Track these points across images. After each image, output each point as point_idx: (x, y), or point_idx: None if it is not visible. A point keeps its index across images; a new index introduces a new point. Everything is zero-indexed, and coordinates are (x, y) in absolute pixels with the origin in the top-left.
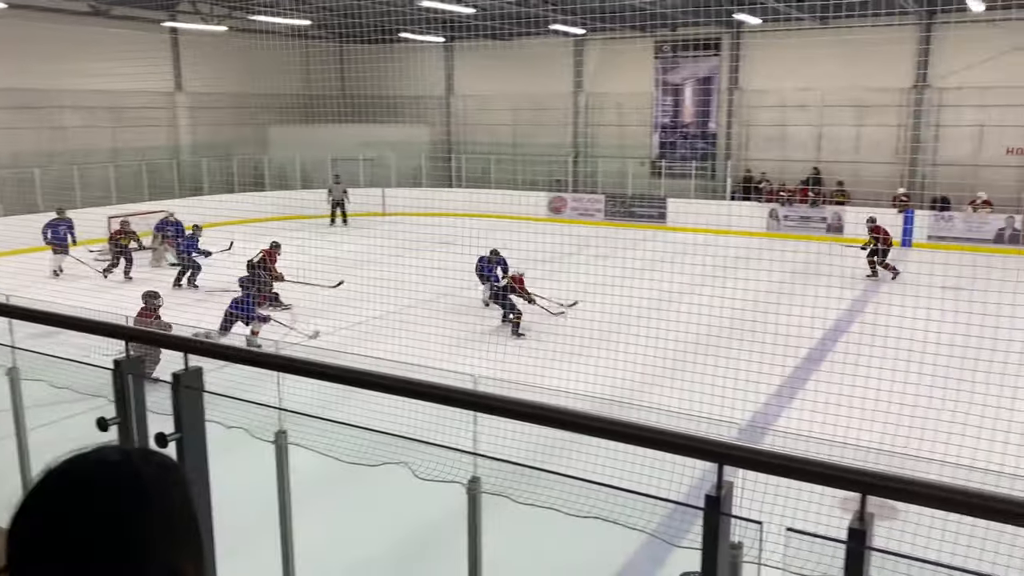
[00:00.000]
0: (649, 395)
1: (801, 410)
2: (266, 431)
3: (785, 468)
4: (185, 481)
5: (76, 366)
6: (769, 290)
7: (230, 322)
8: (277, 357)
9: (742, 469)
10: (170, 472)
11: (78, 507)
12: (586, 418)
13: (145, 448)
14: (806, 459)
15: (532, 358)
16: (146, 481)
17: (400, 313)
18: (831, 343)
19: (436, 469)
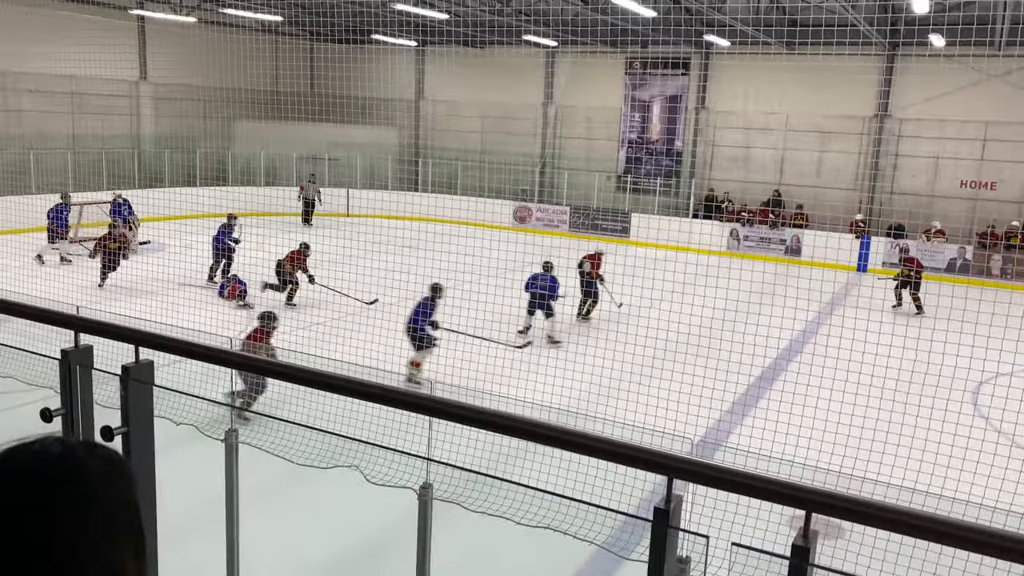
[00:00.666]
0: (605, 407)
1: (753, 427)
2: (216, 429)
3: (732, 483)
4: (130, 476)
5: (21, 354)
6: (727, 308)
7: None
8: (233, 355)
9: (693, 484)
10: (115, 466)
11: (15, 501)
12: (540, 427)
13: (90, 441)
14: (753, 475)
15: (490, 367)
16: (90, 474)
17: (361, 314)
18: (785, 362)
19: (388, 474)
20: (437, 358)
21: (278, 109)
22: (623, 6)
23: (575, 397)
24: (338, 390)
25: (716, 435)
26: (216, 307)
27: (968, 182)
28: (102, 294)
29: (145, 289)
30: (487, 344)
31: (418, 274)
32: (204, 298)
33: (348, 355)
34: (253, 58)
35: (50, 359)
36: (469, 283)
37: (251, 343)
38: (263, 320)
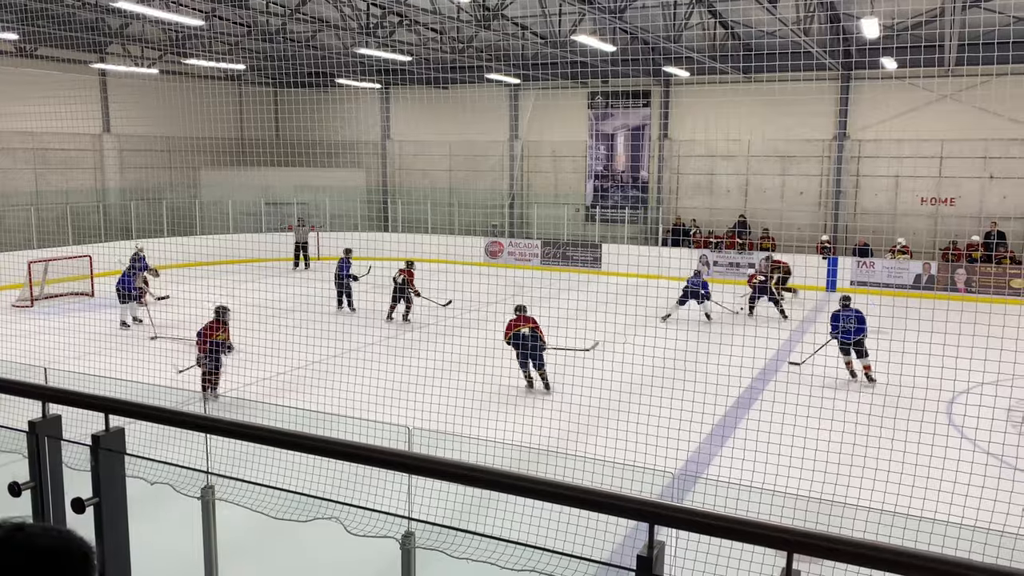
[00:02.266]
0: (581, 444)
1: (732, 457)
2: (192, 487)
3: (714, 527)
4: (89, 568)
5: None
6: (700, 331)
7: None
8: (203, 418)
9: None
10: (73, 560)
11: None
12: (518, 479)
13: (48, 525)
14: (735, 518)
15: (462, 405)
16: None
17: (338, 358)
18: (760, 386)
19: (369, 525)
20: (414, 403)
21: (244, 156)
22: (583, 42)
23: (549, 435)
24: (322, 453)
25: (695, 467)
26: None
27: (928, 199)
28: (83, 350)
29: (119, 343)
30: (461, 384)
31: (397, 312)
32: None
33: (328, 401)
34: (217, 107)
35: (17, 431)
36: (448, 318)
37: (208, 335)
38: (218, 313)
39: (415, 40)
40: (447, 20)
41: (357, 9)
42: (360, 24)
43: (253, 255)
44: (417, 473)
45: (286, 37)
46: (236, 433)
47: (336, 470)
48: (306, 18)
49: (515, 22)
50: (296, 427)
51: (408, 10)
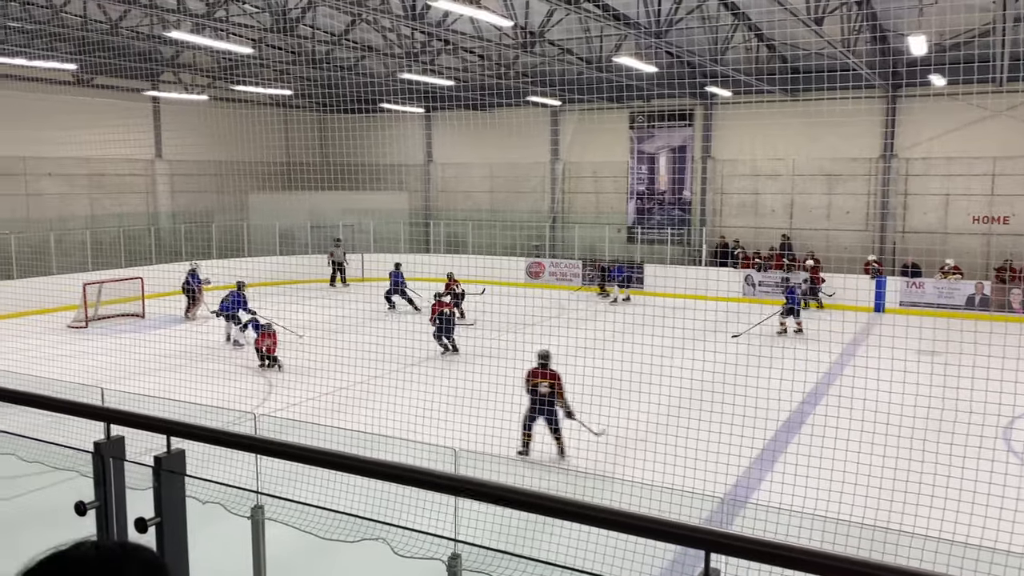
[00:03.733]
0: (627, 468)
1: (782, 483)
2: (242, 506)
3: (773, 556)
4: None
5: (53, 444)
6: (750, 354)
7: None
8: (259, 440)
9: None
10: (151, 572)
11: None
12: (572, 505)
13: (126, 542)
14: (795, 547)
15: (509, 427)
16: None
17: (383, 378)
18: (810, 409)
19: (416, 546)
20: (457, 424)
21: (291, 180)
22: (625, 63)
23: (595, 458)
24: (371, 474)
25: (743, 491)
26: (239, 377)
27: (980, 217)
28: (136, 371)
29: (177, 363)
30: (503, 406)
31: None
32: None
33: (375, 421)
34: (265, 132)
35: (83, 452)
36: (490, 339)
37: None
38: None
39: (458, 64)
40: (490, 44)
41: (402, 35)
42: (404, 50)
43: (299, 277)
44: (466, 496)
45: (332, 63)
46: (291, 455)
47: (383, 491)
48: (352, 44)
49: (557, 45)
50: (343, 447)
51: (451, 35)
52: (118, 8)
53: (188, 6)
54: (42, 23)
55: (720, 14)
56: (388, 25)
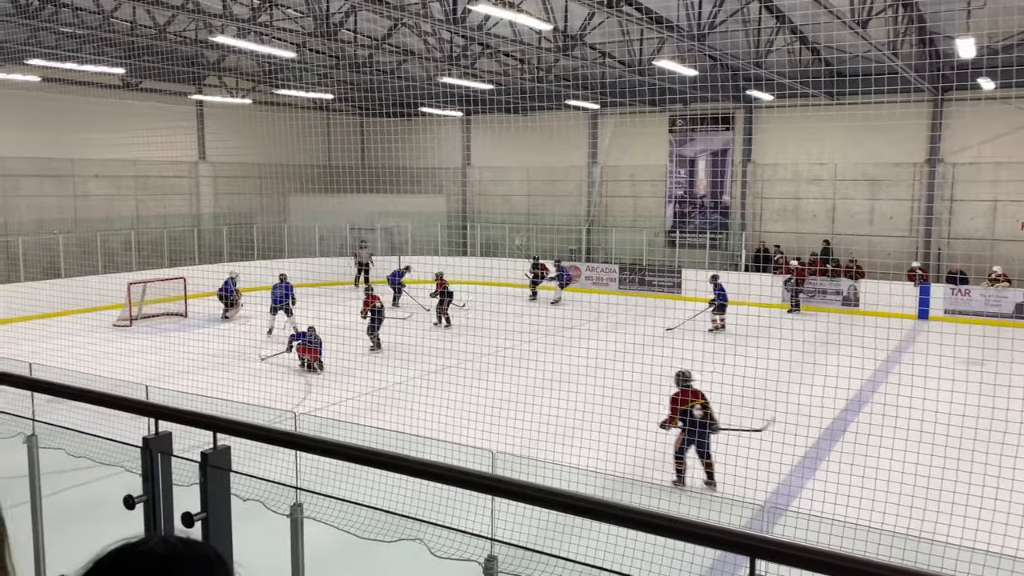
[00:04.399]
0: (662, 473)
1: (823, 491)
2: (282, 504)
3: (822, 563)
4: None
5: (102, 439)
6: (790, 359)
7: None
8: (305, 437)
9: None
10: (214, 567)
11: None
12: (615, 508)
13: (189, 538)
14: (843, 555)
15: (547, 430)
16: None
17: (419, 379)
18: (850, 417)
19: (452, 547)
20: (493, 427)
21: (331, 182)
22: (665, 67)
23: (633, 463)
24: (409, 472)
25: (782, 499)
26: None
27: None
28: (179, 368)
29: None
30: (539, 409)
31: (471, 335)
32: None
33: (412, 422)
34: (306, 135)
35: (131, 447)
36: (527, 342)
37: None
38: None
39: (497, 68)
40: (529, 48)
41: (442, 39)
42: (444, 54)
43: (338, 278)
44: (505, 496)
45: (373, 67)
46: (337, 453)
47: (421, 491)
48: (392, 49)
49: (596, 48)
50: (381, 448)
51: (491, 39)
52: (165, 13)
53: (233, 11)
54: (92, 28)
55: (762, 17)
56: (428, 29)
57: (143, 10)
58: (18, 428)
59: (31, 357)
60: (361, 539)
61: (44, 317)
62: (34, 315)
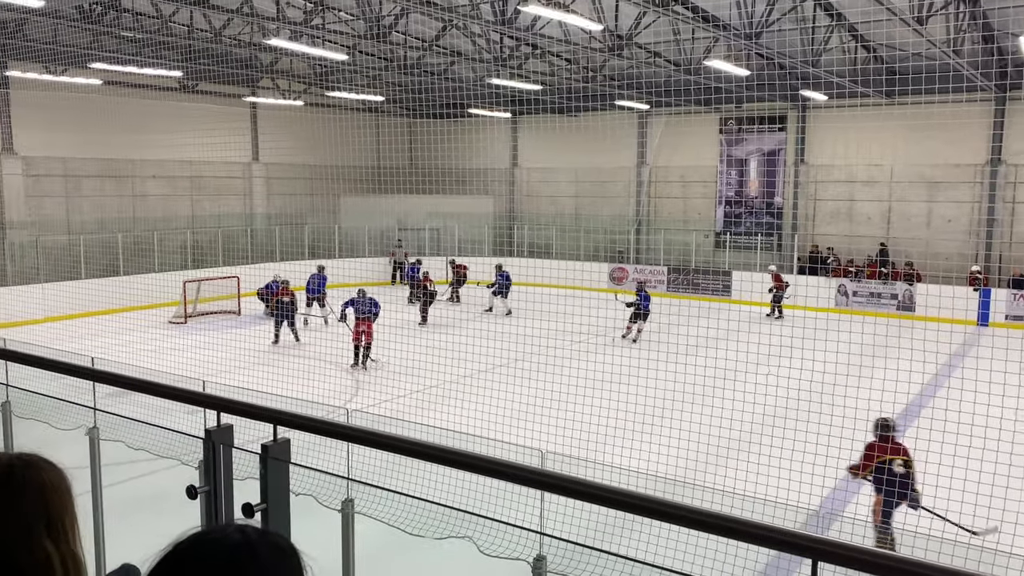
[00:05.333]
0: (714, 476)
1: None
2: (334, 499)
3: (887, 568)
4: (300, 567)
5: (163, 429)
6: (841, 363)
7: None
8: (363, 431)
9: (835, 565)
10: (286, 557)
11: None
12: (676, 508)
13: (263, 529)
14: (908, 559)
15: (596, 431)
16: (261, 564)
17: (467, 379)
18: (903, 425)
19: (501, 545)
20: (540, 427)
21: (380, 183)
22: (716, 67)
23: (681, 465)
24: (459, 465)
25: (838, 504)
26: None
27: None
28: (233, 364)
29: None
30: (586, 409)
31: (519, 336)
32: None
33: (458, 421)
34: (357, 136)
35: (194, 438)
36: (570, 344)
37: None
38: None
39: (545, 69)
40: (578, 48)
41: (491, 40)
42: (493, 55)
43: (380, 278)
44: (556, 492)
45: (423, 69)
46: (396, 447)
47: (471, 489)
48: (442, 51)
49: (646, 48)
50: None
51: (540, 40)
52: (221, 17)
53: (286, 14)
54: (151, 32)
55: (816, 15)
56: (478, 31)
57: (200, 14)
58: (80, 420)
59: (93, 352)
60: (411, 536)
61: (104, 313)
62: (94, 311)
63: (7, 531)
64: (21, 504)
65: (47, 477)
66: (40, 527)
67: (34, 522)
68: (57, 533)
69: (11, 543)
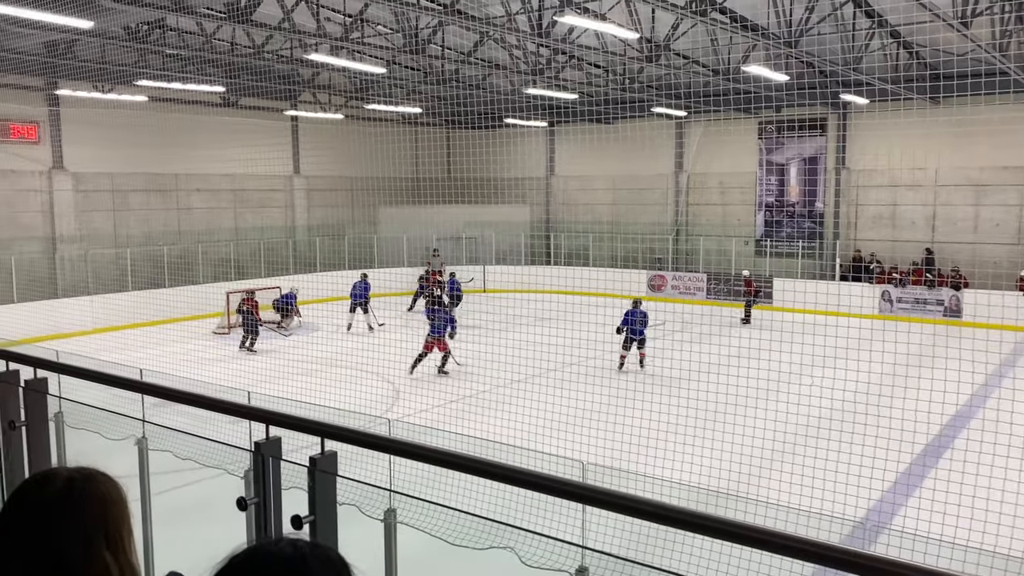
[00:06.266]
0: (757, 487)
1: (922, 508)
2: (376, 509)
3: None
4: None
5: (210, 441)
6: (885, 373)
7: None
8: (409, 445)
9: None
10: (339, 571)
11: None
12: (713, 520)
13: (315, 542)
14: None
15: (635, 443)
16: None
17: (505, 388)
18: (952, 435)
19: (543, 556)
20: (579, 438)
21: (419, 194)
22: (754, 73)
23: (725, 476)
24: (502, 479)
25: (884, 517)
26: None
27: None
28: (276, 374)
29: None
30: (635, 418)
31: (556, 345)
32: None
33: (498, 430)
34: (395, 148)
35: (243, 450)
36: (610, 353)
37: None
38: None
39: (582, 78)
40: (614, 57)
41: (527, 51)
42: (529, 65)
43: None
44: (597, 506)
45: (459, 80)
46: (441, 460)
47: (512, 501)
48: (478, 62)
49: (683, 55)
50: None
51: (576, 49)
52: (262, 33)
53: (326, 29)
54: (195, 49)
55: (856, 20)
56: (514, 42)
57: (242, 31)
58: (129, 430)
59: (140, 363)
60: (452, 546)
61: (150, 325)
62: (141, 323)
63: (68, 542)
64: (81, 516)
65: (105, 490)
66: (99, 538)
67: (93, 533)
68: (115, 544)
69: (72, 554)
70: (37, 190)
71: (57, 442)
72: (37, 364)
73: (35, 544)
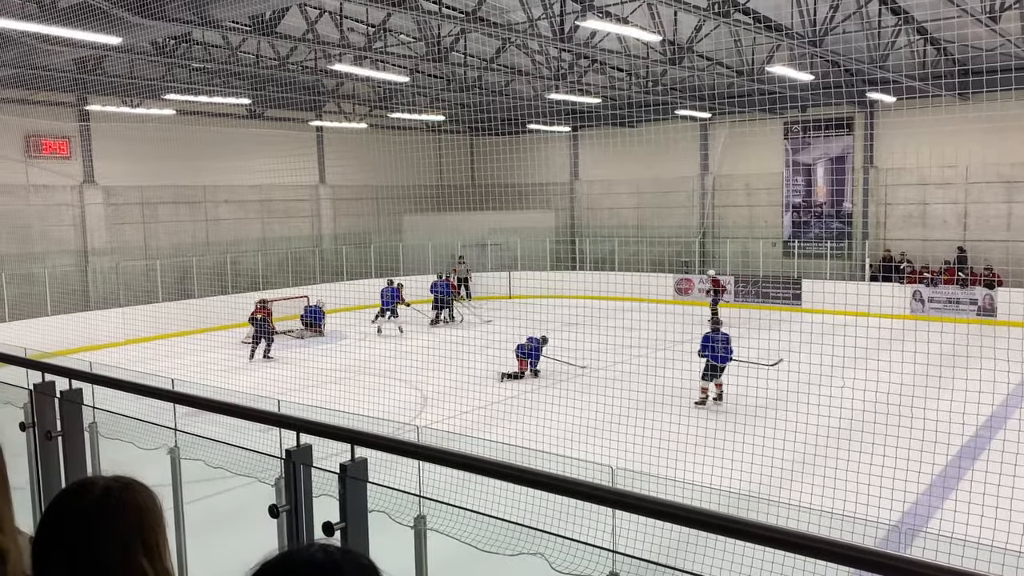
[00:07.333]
0: (788, 491)
1: (955, 511)
2: (406, 515)
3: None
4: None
5: (242, 449)
6: (918, 373)
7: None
8: (431, 449)
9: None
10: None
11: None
12: (743, 523)
13: (346, 548)
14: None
15: (665, 447)
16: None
17: (531, 394)
18: (988, 435)
19: (574, 562)
20: (608, 442)
21: (443, 201)
22: (779, 73)
23: (756, 479)
24: (533, 484)
25: (919, 520)
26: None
27: None
28: (303, 383)
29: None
30: (655, 425)
31: (583, 350)
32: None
33: (525, 436)
34: (419, 156)
35: (274, 458)
36: (637, 357)
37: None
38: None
39: (604, 82)
40: (637, 60)
41: (549, 56)
42: (552, 71)
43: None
44: (630, 511)
45: (482, 87)
46: (472, 467)
47: (542, 507)
48: (500, 68)
49: (706, 57)
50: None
51: (598, 53)
52: (286, 45)
53: (349, 39)
54: (221, 63)
55: (881, 17)
56: (536, 47)
57: (266, 43)
58: (162, 440)
59: (171, 372)
60: (482, 552)
61: (180, 335)
62: (170, 333)
63: (106, 550)
64: (119, 524)
65: (142, 498)
66: (136, 545)
67: (130, 541)
68: (151, 551)
69: (110, 560)
70: (69, 204)
71: (92, 452)
72: (73, 375)
73: (75, 551)
